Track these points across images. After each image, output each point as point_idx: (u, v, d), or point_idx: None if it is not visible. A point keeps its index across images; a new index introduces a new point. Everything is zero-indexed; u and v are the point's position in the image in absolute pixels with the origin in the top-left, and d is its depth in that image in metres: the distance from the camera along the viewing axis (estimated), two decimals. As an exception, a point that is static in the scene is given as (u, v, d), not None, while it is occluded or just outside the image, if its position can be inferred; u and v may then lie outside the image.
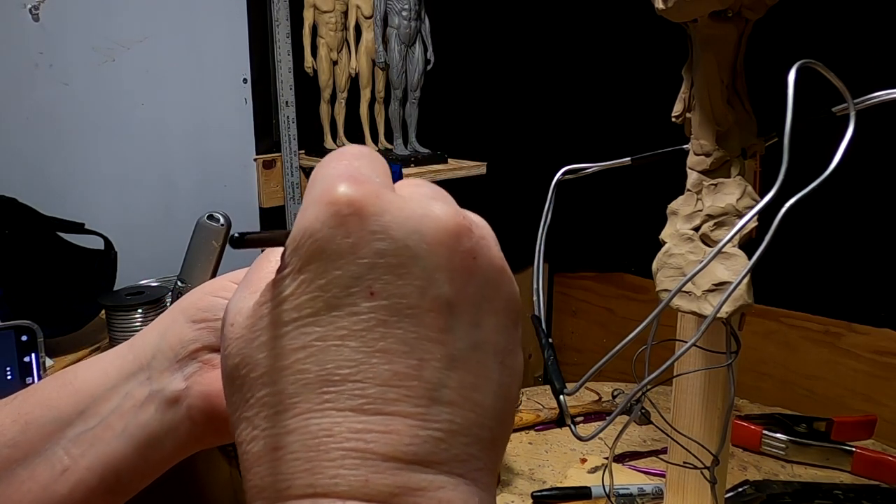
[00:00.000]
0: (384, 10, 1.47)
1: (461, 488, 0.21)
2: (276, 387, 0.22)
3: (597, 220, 1.98)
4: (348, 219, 0.21)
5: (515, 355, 0.24)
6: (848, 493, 0.73)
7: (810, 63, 0.42)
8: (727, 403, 0.53)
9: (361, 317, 0.21)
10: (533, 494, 0.74)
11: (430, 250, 0.22)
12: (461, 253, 0.22)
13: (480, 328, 0.23)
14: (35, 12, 1.17)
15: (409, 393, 0.21)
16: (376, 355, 0.21)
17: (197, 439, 0.33)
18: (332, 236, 0.21)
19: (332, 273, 0.21)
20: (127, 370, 0.34)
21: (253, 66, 1.46)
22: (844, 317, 1.57)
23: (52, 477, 0.32)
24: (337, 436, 0.20)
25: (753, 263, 0.41)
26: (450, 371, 0.22)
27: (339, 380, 0.21)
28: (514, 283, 0.24)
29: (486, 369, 0.23)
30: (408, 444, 0.21)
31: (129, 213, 1.33)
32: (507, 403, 0.23)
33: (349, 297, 0.21)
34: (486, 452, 0.22)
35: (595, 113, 1.95)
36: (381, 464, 0.20)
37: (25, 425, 0.33)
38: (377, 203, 0.22)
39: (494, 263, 0.23)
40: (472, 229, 0.23)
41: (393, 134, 1.56)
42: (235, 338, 0.23)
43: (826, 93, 0.45)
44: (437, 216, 0.22)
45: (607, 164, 0.60)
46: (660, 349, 0.52)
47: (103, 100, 1.27)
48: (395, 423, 0.21)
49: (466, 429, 0.22)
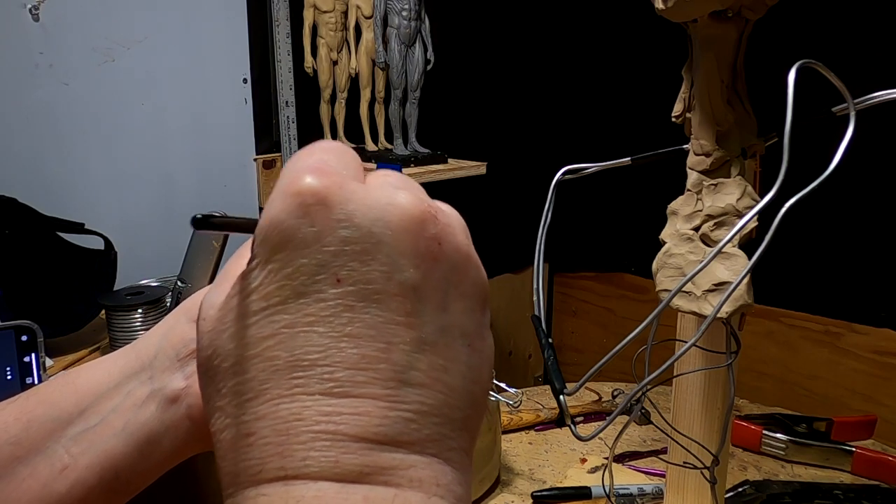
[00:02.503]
0: (384, 10, 1.47)
1: (434, 467, 0.22)
2: (246, 375, 0.22)
3: (597, 220, 1.98)
4: (313, 208, 0.22)
5: (484, 339, 0.25)
6: (848, 493, 0.73)
7: (810, 63, 0.42)
8: (727, 403, 0.53)
9: (329, 303, 0.22)
10: (533, 494, 0.74)
11: (394, 236, 0.22)
12: (426, 239, 0.23)
13: (448, 312, 0.23)
14: (35, 12, 1.17)
15: (377, 376, 0.21)
16: (344, 340, 0.21)
17: (196, 439, 0.33)
18: (298, 226, 0.22)
19: (298, 261, 0.22)
20: (129, 369, 0.34)
21: (253, 66, 1.46)
22: (844, 317, 1.57)
23: (52, 475, 0.32)
24: (307, 419, 0.21)
25: (753, 263, 0.41)
26: (418, 354, 0.22)
27: (307, 364, 0.21)
28: (481, 269, 0.25)
29: (455, 352, 0.23)
30: (377, 425, 0.21)
31: (129, 213, 1.33)
32: (476, 385, 0.24)
33: (316, 285, 0.22)
34: (458, 433, 0.23)
35: (595, 113, 1.95)
36: (351, 444, 0.21)
37: (28, 423, 0.33)
38: (341, 192, 0.22)
39: (460, 249, 0.24)
40: (437, 216, 0.23)
41: (393, 134, 1.56)
42: (207, 331, 0.24)
43: (826, 93, 0.45)
44: (401, 204, 0.23)
45: (607, 164, 0.60)
46: (660, 349, 0.52)
47: (103, 100, 1.27)
48: (365, 405, 0.21)
49: (437, 409, 0.22)
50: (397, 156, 1.51)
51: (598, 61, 1.94)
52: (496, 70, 1.87)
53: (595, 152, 0.64)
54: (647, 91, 1.22)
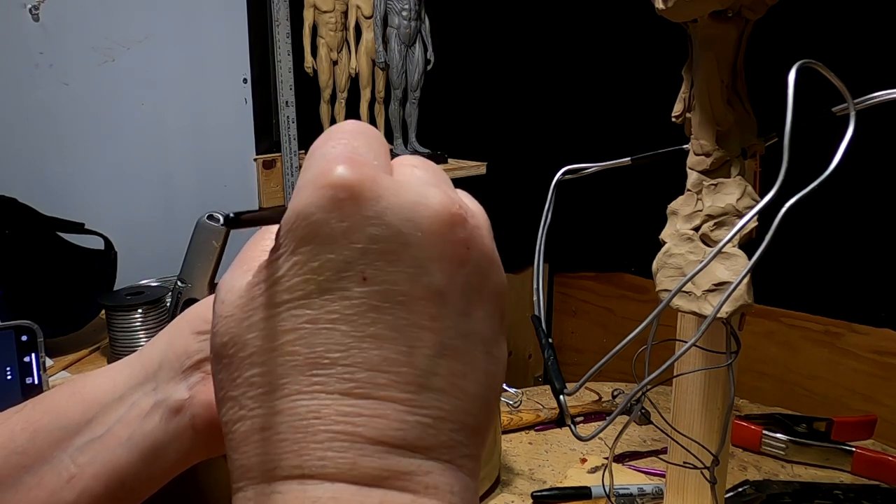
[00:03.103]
0: (384, 10, 1.47)
1: (448, 474, 0.22)
2: (264, 367, 0.22)
3: (597, 220, 1.98)
4: (344, 203, 0.21)
5: (501, 345, 0.25)
6: (848, 493, 0.73)
7: (810, 63, 0.42)
8: (727, 403, 0.53)
9: (353, 301, 0.21)
10: (533, 494, 0.74)
11: (423, 238, 0.22)
12: (454, 243, 0.22)
13: (470, 317, 0.23)
14: (35, 12, 1.17)
15: (398, 379, 0.21)
16: (367, 340, 0.21)
17: (200, 448, 0.34)
18: (327, 220, 0.21)
19: (325, 256, 0.21)
20: (134, 379, 0.34)
21: (253, 66, 1.46)
22: (844, 317, 1.57)
23: (59, 484, 0.32)
24: (325, 418, 0.21)
25: (753, 263, 0.41)
26: (439, 359, 0.22)
27: (328, 363, 0.21)
28: (503, 273, 0.25)
29: (474, 358, 0.23)
30: (396, 429, 0.21)
31: (129, 213, 1.33)
32: (491, 392, 0.24)
33: (341, 282, 0.21)
34: (471, 439, 0.23)
35: (595, 113, 1.95)
36: (368, 447, 0.20)
37: (34, 433, 0.33)
38: (373, 188, 0.22)
39: (486, 253, 0.23)
40: (466, 219, 0.23)
41: (393, 134, 1.56)
42: (225, 316, 0.23)
43: (826, 93, 0.45)
44: (432, 204, 0.22)
45: (607, 164, 0.60)
46: (660, 349, 0.52)
47: (103, 100, 1.27)
48: (384, 408, 0.21)
49: (454, 416, 0.22)
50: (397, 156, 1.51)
51: (598, 61, 1.94)
52: (496, 70, 1.87)
53: (595, 152, 0.64)
54: (647, 91, 1.22)
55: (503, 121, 1.90)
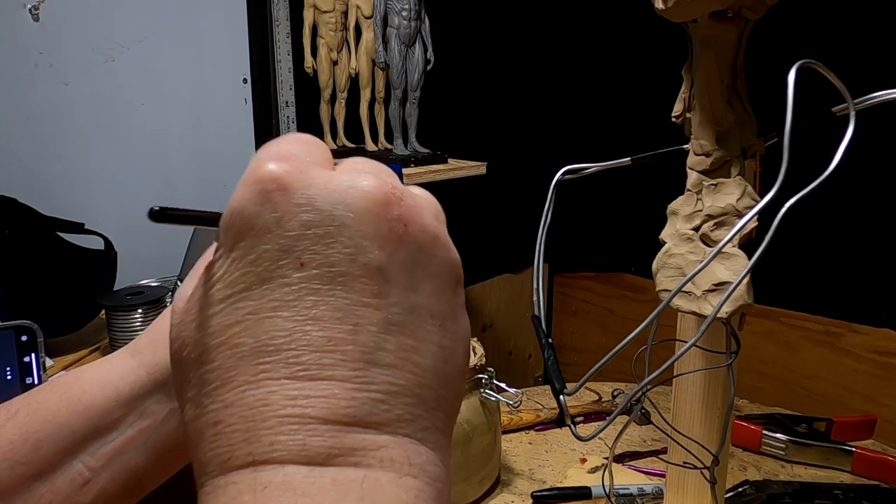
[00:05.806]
0: (384, 10, 1.47)
1: (406, 447, 0.22)
2: (213, 364, 0.22)
3: (597, 220, 1.98)
4: (273, 194, 0.22)
5: (457, 319, 0.25)
6: (848, 493, 0.73)
7: (810, 63, 0.42)
8: (727, 403, 0.53)
9: (293, 287, 0.22)
10: (533, 494, 0.74)
11: (356, 219, 0.22)
12: (389, 220, 0.23)
13: (416, 292, 0.23)
14: (35, 12, 1.17)
15: (344, 357, 0.21)
16: (309, 323, 0.21)
17: None
18: (259, 212, 0.22)
19: (261, 247, 0.22)
20: (141, 387, 0.34)
21: (253, 66, 1.46)
22: (844, 317, 1.57)
23: (74, 489, 0.33)
24: (273, 404, 0.21)
25: (753, 263, 0.41)
26: (386, 334, 0.22)
27: (273, 349, 0.21)
28: (451, 250, 0.25)
29: (425, 332, 0.23)
30: (346, 407, 0.21)
31: (129, 213, 1.33)
32: (449, 365, 0.24)
33: (279, 270, 0.22)
34: (431, 412, 0.23)
35: (595, 113, 1.95)
36: (319, 427, 0.21)
37: (37, 443, 0.33)
38: (302, 178, 0.22)
39: (427, 230, 0.24)
40: (402, 198, 0.23)
41: (393, 134, 1.56)
42: (176, 323, 0.24)
43: (826, 93, 0.45)
44: (363, 186, 0.23)
45: (607, 164, 0.60)
46: (660, 349, 0.52)
47: (103, 100, 1.27)
48: (332, 388, 0.21)
49: (408, 390, 0.22)
50: (397, 156, 1.51)
51: (598, 61, 1.94)
52: (496, 70, 1.87)
53: (595, 152, 0.64)
54: (647, 91, 1.22)
55: (503, 121, 1.90)
